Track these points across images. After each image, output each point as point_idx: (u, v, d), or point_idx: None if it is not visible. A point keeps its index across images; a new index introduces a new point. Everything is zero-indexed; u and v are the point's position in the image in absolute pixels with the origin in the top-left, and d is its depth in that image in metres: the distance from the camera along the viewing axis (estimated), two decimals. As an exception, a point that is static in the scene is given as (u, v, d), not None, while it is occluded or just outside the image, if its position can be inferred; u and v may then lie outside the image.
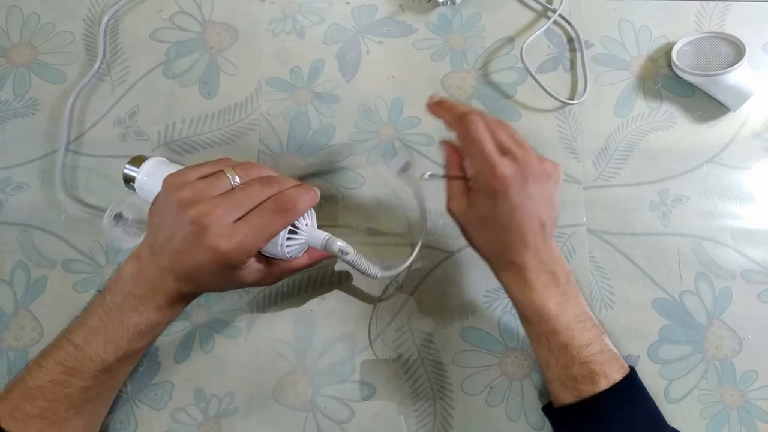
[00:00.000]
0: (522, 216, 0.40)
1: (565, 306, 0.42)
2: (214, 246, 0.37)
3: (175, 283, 0.39)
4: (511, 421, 0.49)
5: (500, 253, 0.42)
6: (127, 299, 0.40)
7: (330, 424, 0.48)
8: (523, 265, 0.41)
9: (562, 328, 0.41)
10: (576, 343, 0.41)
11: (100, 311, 0.40)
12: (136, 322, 0.40)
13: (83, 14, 0.56)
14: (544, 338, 0.42)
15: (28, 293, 0.50)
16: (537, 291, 0.41)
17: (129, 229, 0.50)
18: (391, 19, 0.58)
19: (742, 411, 0.50)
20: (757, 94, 0.55)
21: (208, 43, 0.56)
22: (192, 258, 0.38)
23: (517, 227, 0.40)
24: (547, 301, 0.41)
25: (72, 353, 0.39)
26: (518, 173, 0.40)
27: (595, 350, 0.41)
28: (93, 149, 0.53)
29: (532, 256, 0.41)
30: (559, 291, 0.42)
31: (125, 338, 0.40)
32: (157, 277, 0.39)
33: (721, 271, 0.53)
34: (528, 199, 0.40)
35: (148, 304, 0.40)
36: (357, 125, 0.55)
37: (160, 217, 0.40)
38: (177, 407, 0.48)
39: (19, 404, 0.38)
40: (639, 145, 0.56)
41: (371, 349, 0.50)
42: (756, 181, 0.55)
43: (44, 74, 0.55)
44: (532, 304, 0.41)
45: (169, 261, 0.39)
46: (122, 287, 0.40)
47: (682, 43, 0.57)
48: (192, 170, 0.40)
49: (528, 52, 0.57)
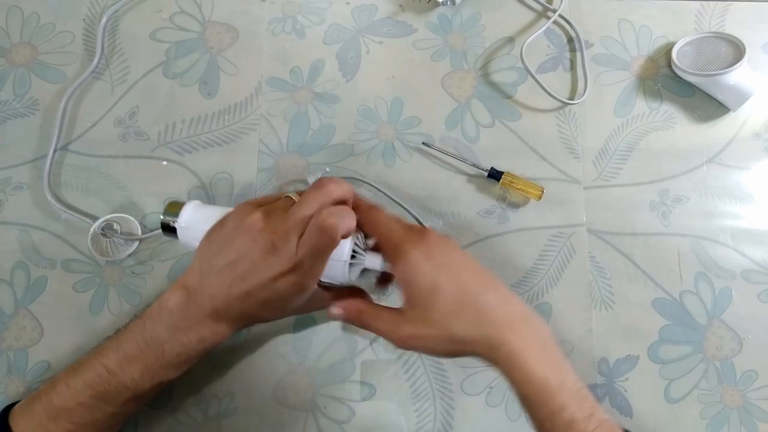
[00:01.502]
0: (451, 275, 0.37)
1: (559, 370, 0.37)
2: (287, 266, 0.36)
3: (224, 320, 0.39)
4: (511, 421, 0.49)
5: (475, 338, 0.36)
6: (171, 331, 0.39)
7: (330, 424, 0.48)
8: (502, 341, 0.36)
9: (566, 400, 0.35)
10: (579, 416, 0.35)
11: (139, 339, 0.39)
12: (178, 353, 0.39)
13: (83, 14, 0.56)
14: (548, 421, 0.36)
15: (28, 293, 0.50)
16: (533, 363, 0.36)
17: (117, 241, 0.50)
18: (391, 19, 0.58)
19: (742, 411, 0.50)
20: (757, 94, 0.55)
21: (208, 43, 0.56)
22: (259, 279, 0.37)
23: (455, 284, 0.37)
24: (546, 372, 0.36)
25: (105, 378, 0.38)
26: (424, 238, 0.38)
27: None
28: (93, 149, 0.53)
29: (498, 315, 0.36)
30: (545, 351, 0.37)
31: (163, 368, 0.39)
32: (206, 310, 0.39)
33: (721, 271, 0.53)
34: (448, 263, 0.38)
35: (192, 336, 0.39)
36: (357, 125, 0.55)
37: (222, 244, 0.39)
38: (177, 407, 0.48)
39: (43, 423, 0.37)
40: (639, 145, 0.56)
41: (371, 349, 0.50)
42: (756, 181, 0.55)
43: (44, 74, 0.55)
44: (531, 381, 0.35)
45: (226, 291, 0.38)
46: (165, 318, 0.39)
47: (682, 43, 0.57)
48: (260, 198, 0.41)
49: (528, 52, 0.57)
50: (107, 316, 0.50)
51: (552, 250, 0.53)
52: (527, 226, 0.53)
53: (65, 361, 0.48)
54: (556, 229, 0.53)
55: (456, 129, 0.55)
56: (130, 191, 0.52)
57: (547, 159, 0.55)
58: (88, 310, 0.50)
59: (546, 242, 0.53)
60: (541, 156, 0.55)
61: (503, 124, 0.56)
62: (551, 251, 0.53)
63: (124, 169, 0.53)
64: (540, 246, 0.53)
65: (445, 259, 0.38)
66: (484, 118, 0.56)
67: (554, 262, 0.53)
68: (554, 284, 0.52)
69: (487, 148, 0.55)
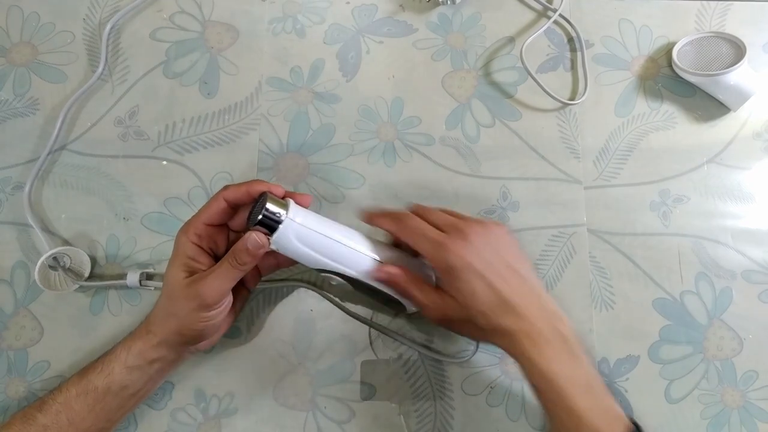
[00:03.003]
0: (494, 276, 0.39)
1: (575, 370, 0.38)
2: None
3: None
4: (511, 421, 0.49)
5: (495, 326, 0.39)
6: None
7: (330, 424, 0.48)
8: (523, 330, 0.38)
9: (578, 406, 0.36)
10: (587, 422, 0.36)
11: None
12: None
13: (83, 14, 0.56)
14: (557, 418, 0.37)
15: (28, 293, 0.50)
16: (544, 355, 0.38)
17: (65, 275, 0.49)
18: (391, 19, 0.58)
19: (743, 411, 0.50)
20: (757, 94, 0.54)
21: (208, 43, 0.56)
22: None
23: (496, 291, 0.39)
24: (559, 368, 0.37)
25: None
26: (464, 239, 0.39)
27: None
28: (93, 149, 0.53)
29: (527, 316, 0.39)
30: (567, 349, 0.39)
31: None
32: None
33: (721, 271, 0.53)
34: (491, 257, 0.39)
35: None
36: (357, 125, 0.55)
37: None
38: (177, 407, 0.48)
39: None
40: (639, 145, 0.56)
41: (371, 349, 0.50)
42: (756, 181, 0.55)
43: (44, 74, 0.55)
44: (544, 372, 0.37)
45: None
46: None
47: (683, 43, 0.57)
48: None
49: (528, 52, 0.56)
50: (107, 316, 0.50)
51: (552, 250, 0.53)
52: (528, 226, 0.53)
53: (65, 361, 0.49)
54: (556, 229, 0.53)
55: (456, 129, 0.55)
56: (130, 191, 0.52)
57: (547, 159, 0.55)
58: (88, 310, 0.50)
59: (546, 242, 0.53)
60: (541, 156, 0.55)
61: (504, 124, 0.56)
62: (552, 251, 0.53)
63: (124, 169, 0.53)
64: (540, 246, 0.53)
65: (481, 263, 0.39)
66: (484, 118, 0.56)
67: (555, 262, 0.53)
68: (555, 284, 0.52)
69: (488, 148, 0.55)
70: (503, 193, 0.54)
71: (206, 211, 0.41)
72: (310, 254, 0.41)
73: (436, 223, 0.41)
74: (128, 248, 0.51)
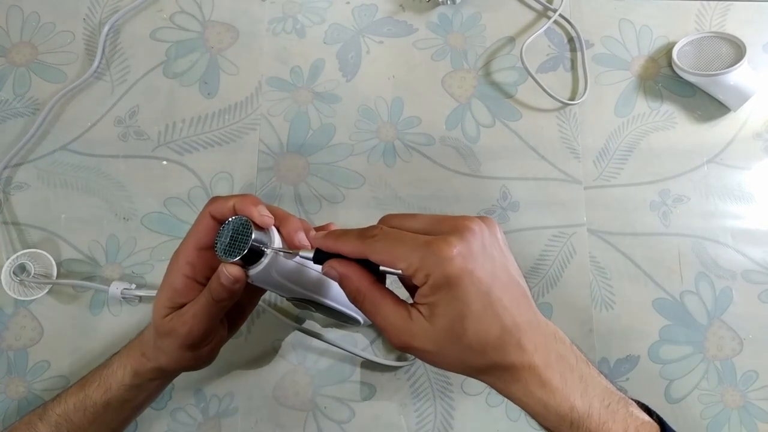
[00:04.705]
0: (500, 292, 0.29)
1: (588, 392, 0.30)
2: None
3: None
4: (511, 421, 0.49)
5: (494, 358, 0.30)
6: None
7: (330, 424, 0.48)
8: (530, 364, 0.29)
9: (596, 427, 0.30)
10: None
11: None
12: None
13: (83, 14, 0.56)
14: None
15: (28, 293, 0.50)
16: (558, 390, 0.30)
17: (29, 283, 0.48)
18: (391, 19, 0.58)
19: (743, 411, 0.50)
20: (757, 94, 0.54)
21: (208, 43, 0.56)
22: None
23: (505, 309, 0.29)
24: (573, 399, 0.30)
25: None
26: (460, 238, 0.29)
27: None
28: (93, 149, 0.53)
29: (536, 346, 0.30)
30: (576, 375, 0.31)
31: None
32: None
33: (721, 271, 0.53)
34: (493, 264, 0.30)
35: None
36: (357, 125, 0.55)
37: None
38: (177, 407, 0.48)
39: None
40: (639, 145, 0.56)
41: (371, 349, 0.50)
42: (756, 181, 0.55)
43: (44, 74, 0.55)
44: (558, 409, 0.30)
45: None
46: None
47: (683, 43, 0.57)
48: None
49: (528, 52, 0.56)
50: (107, 316, 0.50)
51: (552, 250, 0.53)
52: (528, 226, 0.53)
53: (65, 361, 0.49)
54: (556, 229, 0.53)
55: (456, 129, 0.55)
56: (130, 191, 0.52)
57: (547, 159, 0.55)
58: (88, 310, 0.50)
59: (546, 242, 0.53)
60: (541, 156, 0.55)
61: (504, 124, 0.56)
62: (552, 251, 0.53)
63: (124, 169, 0.53)
64: (540, 246, 0.53)
65: (483, 271, 0.29)
66: (484, 118, 0.56)
67: (555, 262, 0.53)
68: (555, 284, 0.52)
69: (488, 148, 0.55)
70: (503, 193, 0.54)
71: (194, 235, 0.36)
72: (285, 284, 0.36)
73: (416, 228, 0.31)
74: (128, 248, 0.51)
